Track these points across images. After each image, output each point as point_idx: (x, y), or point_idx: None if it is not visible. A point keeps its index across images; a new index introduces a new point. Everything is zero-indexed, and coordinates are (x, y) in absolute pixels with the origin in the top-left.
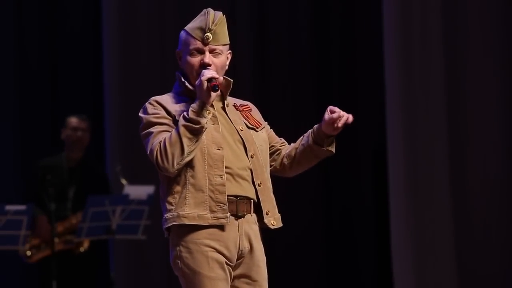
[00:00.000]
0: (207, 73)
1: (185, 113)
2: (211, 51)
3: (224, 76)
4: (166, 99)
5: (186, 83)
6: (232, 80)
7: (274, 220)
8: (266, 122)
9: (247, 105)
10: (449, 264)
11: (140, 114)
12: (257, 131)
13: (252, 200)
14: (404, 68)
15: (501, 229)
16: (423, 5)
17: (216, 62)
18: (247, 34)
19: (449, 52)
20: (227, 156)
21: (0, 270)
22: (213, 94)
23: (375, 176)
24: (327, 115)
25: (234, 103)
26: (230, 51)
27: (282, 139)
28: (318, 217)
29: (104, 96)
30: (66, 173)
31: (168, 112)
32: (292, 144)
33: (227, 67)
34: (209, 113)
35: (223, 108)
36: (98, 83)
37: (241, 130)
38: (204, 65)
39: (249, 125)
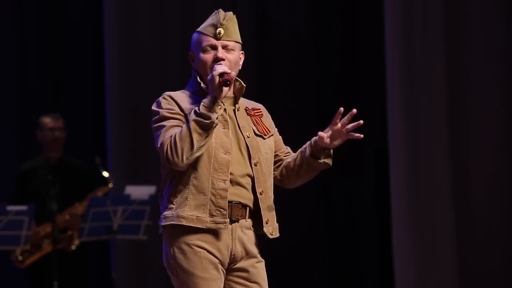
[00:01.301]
0: (219, 68)
1: (196, 108)
2: (224, 47)
3: (238, 78)
4: (180, 96)
5: (202, 84)
6: (245, 86)
7: (272, 229)
8: (276, 129)
9: (259, 109)
10: (450, 264)
11: (153, 108)
12: (264, 139)
13: (248, 207)
14: (406, 68)
15: (502, 229)
16: (425, 5)
17: (230, 58)
18: (247, 33)
19: (450, 51)
20: (231, 162)
21: (1, 270)
22: (225, 89)
23: (377, 176)
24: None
25: (246, 107)
26: (242, 51)
27: (288, 148)
28: (320, 217)
29: (105, 95)
30: (50, 174)
31: (181, 109)
32: (292, 154)
33: (240, 67)
34: (220, 108)
35: (234, 112)
36: (99, 82)
37: (248, 137)
38: (217, 60)
39: (257, 132)
